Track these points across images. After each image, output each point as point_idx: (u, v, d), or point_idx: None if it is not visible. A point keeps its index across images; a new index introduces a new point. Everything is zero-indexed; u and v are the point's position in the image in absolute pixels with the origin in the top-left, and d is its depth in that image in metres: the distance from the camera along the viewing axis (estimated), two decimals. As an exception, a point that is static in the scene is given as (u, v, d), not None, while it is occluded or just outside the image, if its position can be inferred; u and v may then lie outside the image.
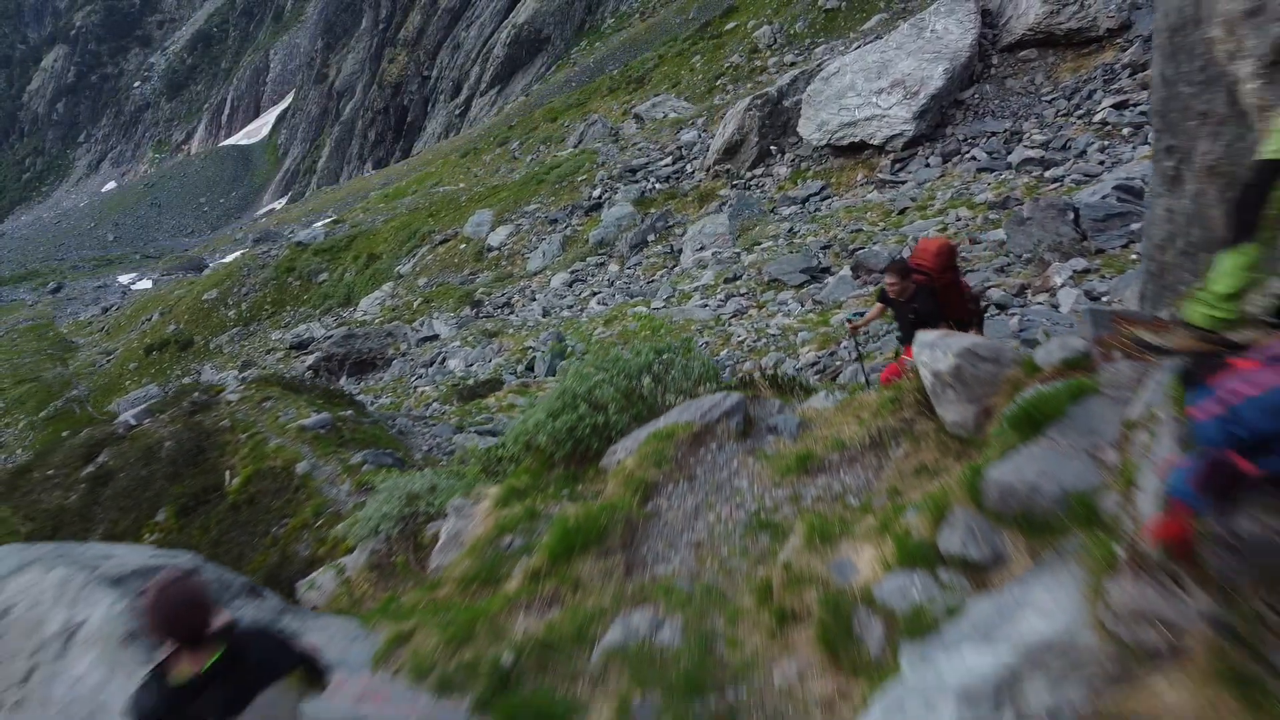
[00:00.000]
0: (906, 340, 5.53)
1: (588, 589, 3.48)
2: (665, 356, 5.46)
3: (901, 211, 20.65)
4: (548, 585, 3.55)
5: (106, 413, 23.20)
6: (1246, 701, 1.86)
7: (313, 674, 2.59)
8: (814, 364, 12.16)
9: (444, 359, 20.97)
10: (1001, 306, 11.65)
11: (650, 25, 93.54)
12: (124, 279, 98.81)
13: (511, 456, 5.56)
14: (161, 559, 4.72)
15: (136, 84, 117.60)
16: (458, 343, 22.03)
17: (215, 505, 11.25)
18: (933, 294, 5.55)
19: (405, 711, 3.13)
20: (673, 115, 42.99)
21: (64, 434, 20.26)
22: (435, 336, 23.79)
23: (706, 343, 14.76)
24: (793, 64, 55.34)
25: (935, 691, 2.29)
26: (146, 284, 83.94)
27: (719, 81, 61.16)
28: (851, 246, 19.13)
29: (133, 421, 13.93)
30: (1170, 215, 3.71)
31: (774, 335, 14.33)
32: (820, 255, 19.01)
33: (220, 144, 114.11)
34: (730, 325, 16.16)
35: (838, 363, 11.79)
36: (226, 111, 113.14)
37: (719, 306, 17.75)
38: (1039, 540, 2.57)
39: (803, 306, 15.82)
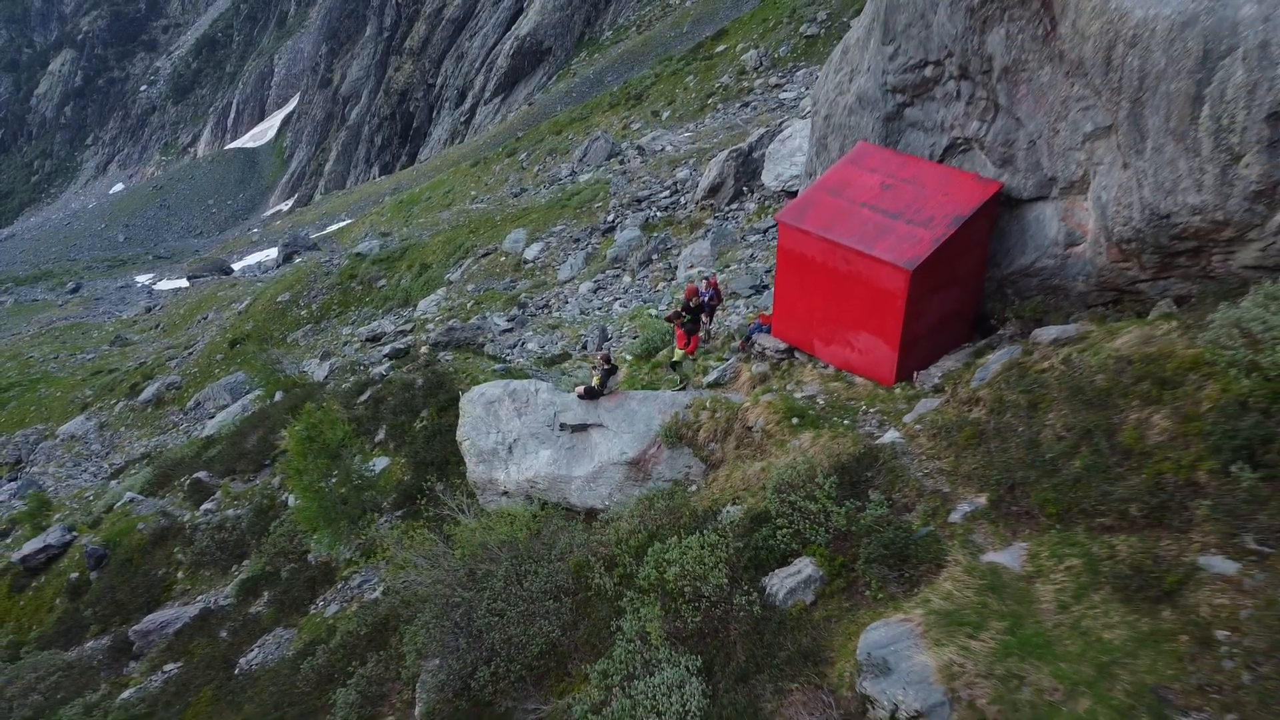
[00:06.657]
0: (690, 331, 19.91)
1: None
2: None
3: (820, 246, 35.53)
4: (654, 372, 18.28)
5: (301, 374, 37.84)
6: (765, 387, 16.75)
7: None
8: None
9: (524, 343, 35.49)
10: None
11: (646, 38, 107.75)
12: (142, 279, 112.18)
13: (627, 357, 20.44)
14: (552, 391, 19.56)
15: (143, 88, 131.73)
16: (530, 332, 36.66)
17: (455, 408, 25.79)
18: (698, 309, 20.00)
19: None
20: (669, 150, 57.58)
21: (277, 392, 34.87)
22: (511, 329, 38.42)
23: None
24: (777, 85, 69.74)
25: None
26: (178, 283, 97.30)
27: (710, 100, 75.75)
28: (784, 271, 33.98)
29: (384, 372, 28.24)
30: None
31: (728, 325, 29.02)
32: (764, 276, 33.66)
33: (226, 147, 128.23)
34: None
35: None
36: (232, 115, 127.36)
37: (701, 309, 32.58)
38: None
39: (747, 309, 30.44)
